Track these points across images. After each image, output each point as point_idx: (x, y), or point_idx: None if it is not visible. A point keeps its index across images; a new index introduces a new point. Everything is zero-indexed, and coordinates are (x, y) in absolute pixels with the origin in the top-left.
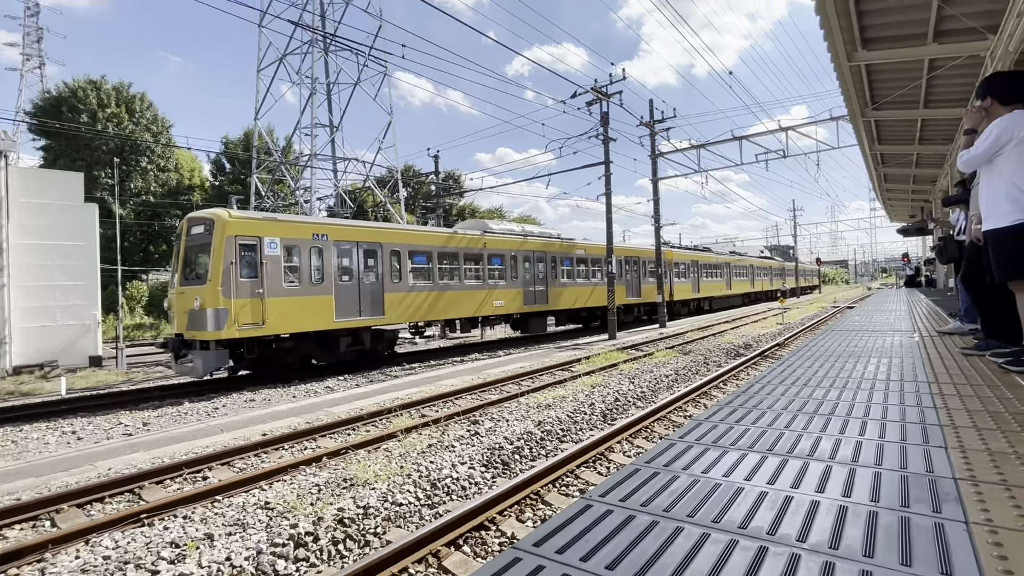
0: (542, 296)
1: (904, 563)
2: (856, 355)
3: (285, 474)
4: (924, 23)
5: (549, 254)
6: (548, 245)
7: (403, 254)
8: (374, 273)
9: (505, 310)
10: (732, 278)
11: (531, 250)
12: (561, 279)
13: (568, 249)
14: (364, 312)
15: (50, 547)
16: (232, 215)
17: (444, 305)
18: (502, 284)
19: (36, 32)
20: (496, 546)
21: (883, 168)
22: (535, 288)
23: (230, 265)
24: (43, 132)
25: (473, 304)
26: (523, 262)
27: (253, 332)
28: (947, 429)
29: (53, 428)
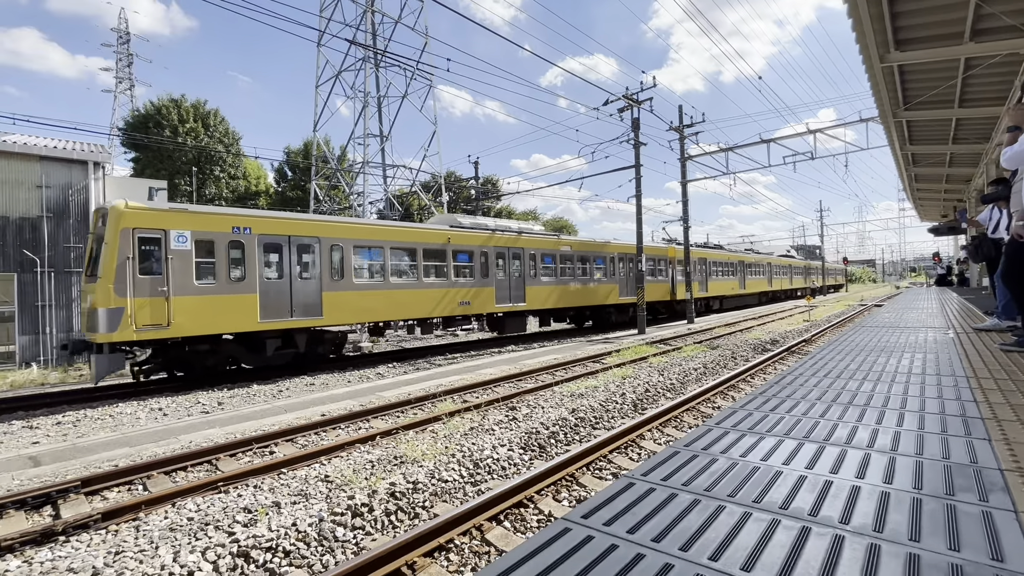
0: (518, 295)
1: (952, 548)
2: (889, 350)
3: (342, 451)
4: (961, 22)
5: (527, 250)
6: (524, 241)
7: (347, 249)
8: (310, 270)
9: (473, 310)
10: (746, 276)
11: (504, 246)
12: (542, 277)
13: (550, 245)
14: (297, 312)
15: (144, 508)
16: (129, 205)
17: (398, 305)
18: (469, 282)
19: (127, 58)
20: (535, 522)
21: (914, 168)
22: (510, 286)
23: (126, 260)
24: (133, 146)
25: (434, 303)
26: (495, 258)
27: (155, 334)
28: (990, 422)
29: (143, 405)
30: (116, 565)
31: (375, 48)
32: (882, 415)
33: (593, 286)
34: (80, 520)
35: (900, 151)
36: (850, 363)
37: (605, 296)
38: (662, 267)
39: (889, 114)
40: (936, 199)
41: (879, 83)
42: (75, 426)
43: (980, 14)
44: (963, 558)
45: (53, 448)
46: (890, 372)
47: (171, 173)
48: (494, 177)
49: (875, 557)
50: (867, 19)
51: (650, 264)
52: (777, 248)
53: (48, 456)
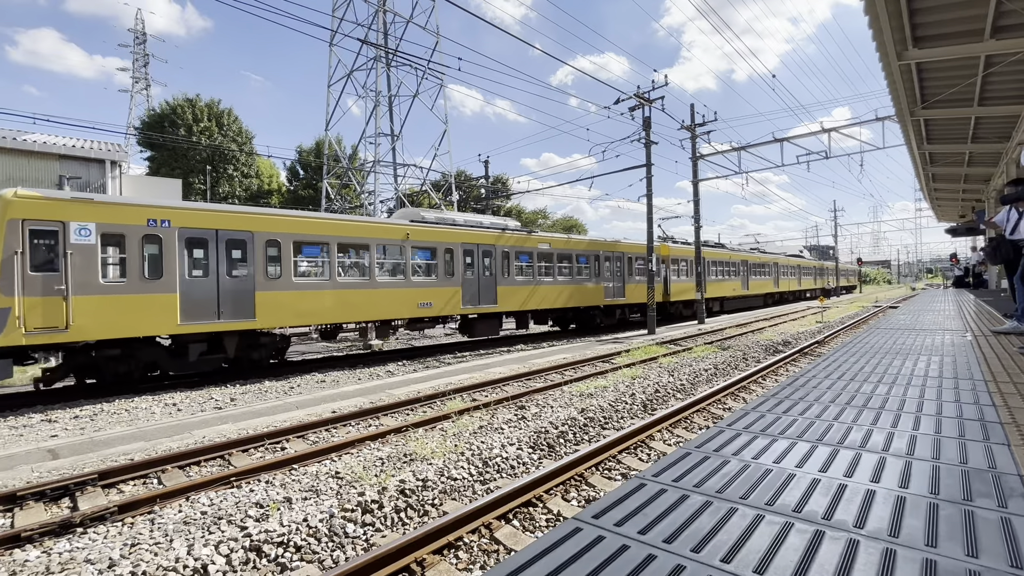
0: (488, 296)
1: (970, 554)
2: (904, 352)
3: (352, 448)
4: (981, 19)
5: (499, 248)
6: (495, 237)
7: (285, 245)
8: (242, 267)
9: (436, 311)
10: (749, 277)
11: (473, 243)
12: (515, 276)
13: (525, 242)
14: (225, 314)
15: (158, 501)
16: (19, 194)
17: (348, 306)
18: (432, 282)
19: (143, 58)
20: (543, 521)
21: (932, 168)
22: (479, 286)
23: (14, 255)
24: (149, 144)
25: (389, 305)
26: (462, 256)
27: (49, 338)
28: (1009, 427)
29: (158, 400)
30: (132, 557)
31: (387, 47)
32: (898, 418)
33: (575, 287)
34: (97, 512)
35: (917, 150)
36: (864, 365)
37: (589, 298)
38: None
39: (906, 112)
40: (954, 199)
41: (896, 81)
42: (92, 420)
43: (1001, 10)
44: (981, 564)
45: (71, 441)
46: (906, 375)
47: (185, 171)
48: (504, 176)
49: (891, 562)
50: (884, 16)
51: (638, 263)
52: (790, 248)
53: (66, 449)
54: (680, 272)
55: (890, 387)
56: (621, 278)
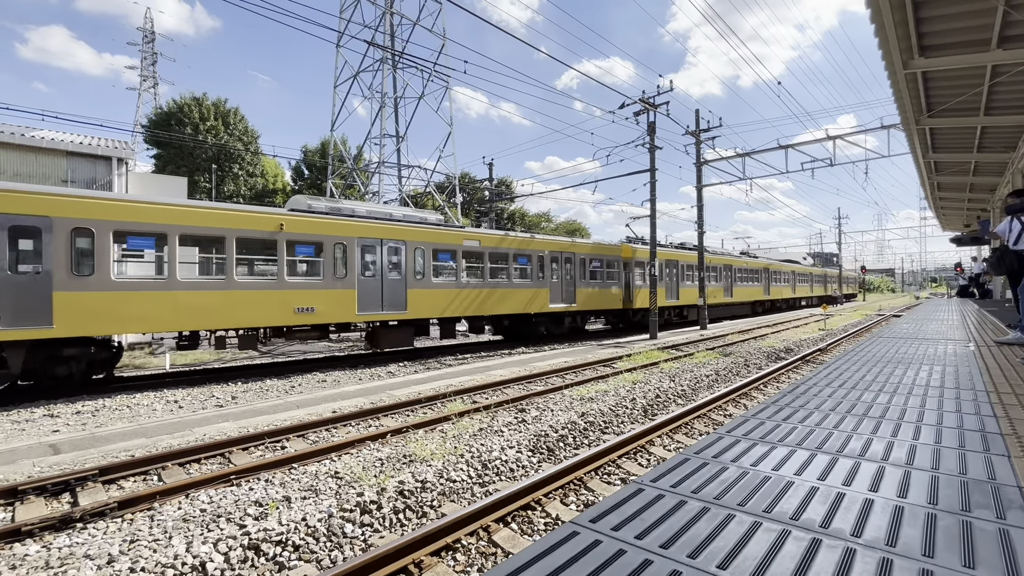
0: (396, 299)
1: (967, 565)
2: (906, 362)
3: (352, 448)
4: (988, 29)
5: (410, 244)
6: (405, 232)
7: (101, 235)
8: (35, 261)
9: (321, 318)
10: (734, 283)
11: (376, 237)
12: (433, 278)
13: (447, 239)
14: (5, 319)
15: (158, 498)
16: None
17: (194, 310)
18: (315, 283)
19: (152, 56)
20: (542, 525)
21: (937, 176)
22: (382, 288)
23: None
24: (155, 142)
25: (253, 310)
26: (360, 253)
27: None
28: (1010, 438)
29: (159, 397)
30: (131, 553)
31: (393, 49)
32: (898, 428)
33: (512, 291)
34: (97, 508)
35: (923, 159)
36: (866, 374)
37: (529, 302)
38: (614, 269)
39: (912, 121)
40: (959, 208)
41: (902, 90)
42: (94, 416)
43: (1008, 20)
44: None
45: (72, 437)
46: (907, 384)
47: (191, 170)
48: (508, 179)
49: (887, 572)
50: (891, 25)
51: (597, 265)
52: (794, 254)
53: (67, 444)
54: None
55: (891, 396)
56: (572, 282)
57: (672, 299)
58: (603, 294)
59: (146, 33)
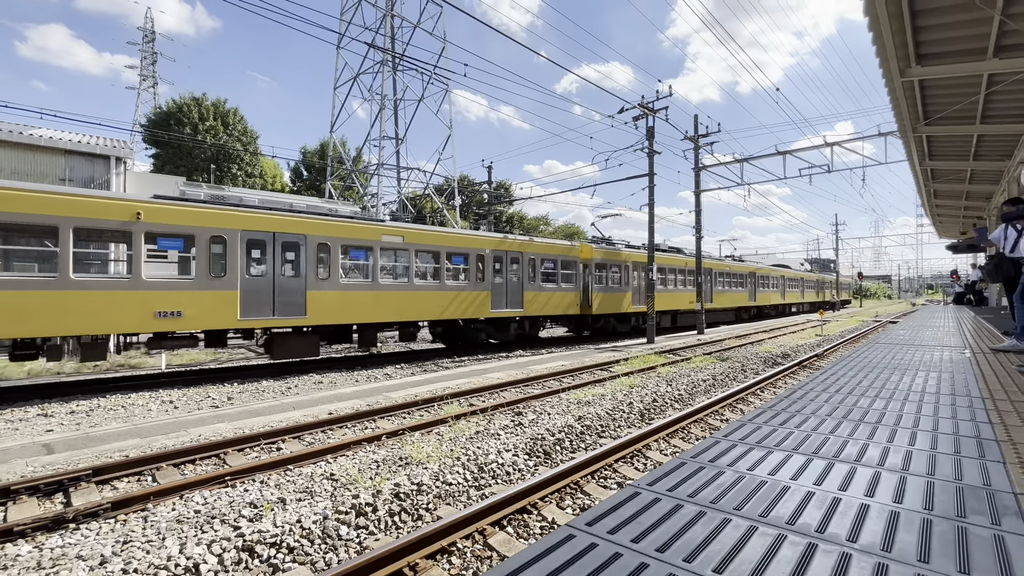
0: (291, 302)
1: (962, 571)
2: (903, 368)
3: (348, 450)
4: (984, 38)
5: (311, 239)
6: (305, 225)
7: None
8: None
9: (191, 324)
10: (714, 287)
11: (266, 230)
12: (341, 278)
13: (360, 233)
14: None
15: (152, 499)
16: None
17: (17, 314)
18: (184, 282)
19: (151, 56)
20: (538, 528)
21: (933, 184)
22: (274, 290)
23: None
24: (154, 142)
25: (97, 314)
26: (245, 249)
27: None
28: (1005, 445)
29: (155, 397)
30: (124, 554)
31: (393, 52)
32: (894, 433)
33: (444, 293)
34: (90, 508)
35: (919, 166)
36: (862, 380)
37: (467, 307)
38: (571, 271)
39: (909, 129)
40: (955, 216)
41: (899, 97)
42: (88, 415)
43: (1004, 30)
44: None
45: (66, 436)
46: (903, 390)
47: (190, 170)
48: (507, 182)
49: None
50: (888, 33)
51: (549, 266)
52: (791, 260)
53: (61, 444)
54: (607, 280)
55: (887, 402)
56: (519, 284)
57: (638, 304)
58: (558, 298)
59: (146, 33)
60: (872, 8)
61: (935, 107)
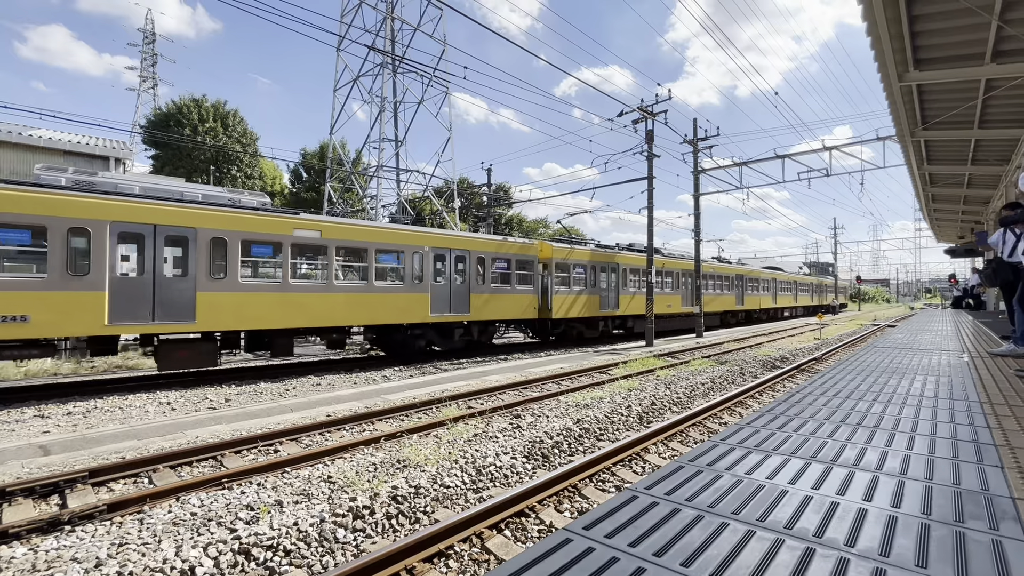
0: (178, 305)
1: None
2: (901, 372)
3: (346, 452)
4: (982, 43)
5: (204, 232)
6: (199, 217)
7: None
8: None
9: (41, 330)
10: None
11: (145, 223)
12: (243, 278)
13: (269, 228)
14: None
15: (148, 501)
16: None
17: None
18: (32, 281)
19: (152, 57)
20: (535, 532)
21: (931, 188)
22: (155, 291)
23: None
24: (154, 143)
25: None
26: (115, 243)
27: None
28: (1003, 449)
29: (152, 399)
30: (119, 557)
31: (393, 54)
32: (892, 438)
33: (373, 295)
34: (86, 510)
35: (917, 170)
36: (860, 383)
37: (402, 311)
38: (528, 272)
39: (907, 133)
40: (953, 220)
41: (897, 102)
42: (85, 417)
43: (1002, 35)
44: None
45: (63, 438)
46: (901, 394)
47: (189, 171)
48: (506, 184)
49: None
50: (886, 38)
51: (502, 266)
52: (790, 263)
53: (57, 446)
54: (569, 281)
55: (885, 406)
56: (464, 285)
57: (608, 308)
58: (511, 301)
59: (146, 34)
60: (871, 14)
61: (933, 112)
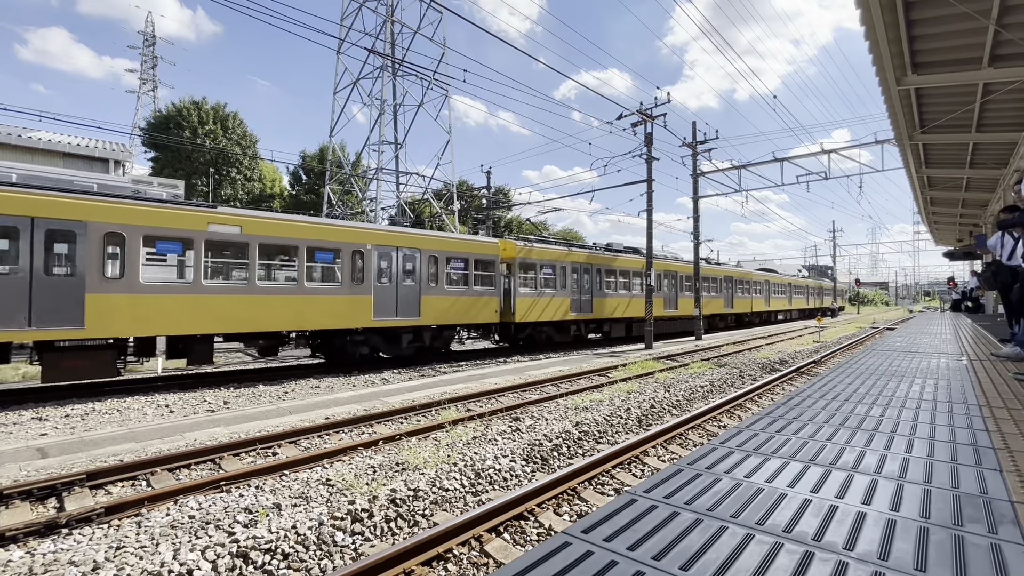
0: (60, 309)
1: None
2: (900, 375)
3: (344, 455)
4: (979, 47)
5: (94, 227)
6: (79, 208)
7: None
8: None
9: None
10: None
11: (16, 214)
12: (145, 279)
13: (177, 223)
14: None
15: (146, 504)
16: None
17: None
18: None
19: (152, 60)
20: (535, 535)
21: (930, 191)
22: (33, 292)
23: None
24: (153, 145)
25: None
26: None
27: None
28: (1001, 452)
29: (150, 401)
30: (117, 560)
31: (393, 57)
32: (891, 441)
33: (301, 298)
34: (84, 513)
35: (916, 174)
36: (859, 387)
37: (337, 315)
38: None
39: (905, 137)
40: (952, 223)
41: (895, 106)
42: (83, 419)
43: (999, 40)
44: None
45: (60, 440)
46: (900, 397)
47: (188, 173)
48: (506, 187)
49: None
50: (884, 42)
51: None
52: (789, 266)
53: (55, 448)
54: (543, 283)
55: (884, 409)
56: (416, 287)
57: (580, 312)
58: (469, 304)
59: (147, 37)
60: (869, 18)
61: (931, 115)
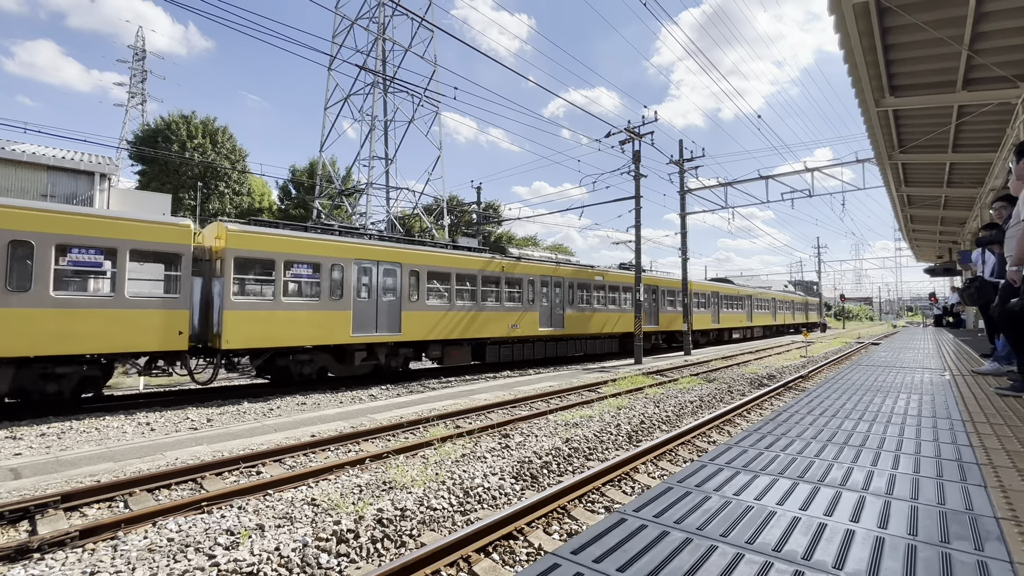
0: None
1: None
2: (885, 390)
3: (330, 473)
4: (953, 71)
5: None
6: None
7: None
8: None
9: None
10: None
11: None
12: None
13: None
14: None
15: (123, 526)
16: None
17: None
18: None
19: (141, 74)
20: (524, 555)
21: (910, 209)
22: None
23: None
24: (140, 159)
25: None
26: None
27: None
28: (985, 468)
29: (130, 419)
30: None
31: (384, 74)
32: (877, 457)
33: None
34: (57, 537)
35: (896, 192)
36: (846, 402)
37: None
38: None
39: (884, 156)
40: (932, 240)
41: (875, 126)
42: (59, 438)
43: (972, 64)
44: None
45: (35, 460)
46: (886, 413)
47: (176, 187)
48: (496, 202)
49: None
50: (863, 65)
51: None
52: (775, 282)
53: (29, 468)
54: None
55: (871, 424)
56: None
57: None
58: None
59: (136, 51)
60: (847, 43)
61: (909, 136)
